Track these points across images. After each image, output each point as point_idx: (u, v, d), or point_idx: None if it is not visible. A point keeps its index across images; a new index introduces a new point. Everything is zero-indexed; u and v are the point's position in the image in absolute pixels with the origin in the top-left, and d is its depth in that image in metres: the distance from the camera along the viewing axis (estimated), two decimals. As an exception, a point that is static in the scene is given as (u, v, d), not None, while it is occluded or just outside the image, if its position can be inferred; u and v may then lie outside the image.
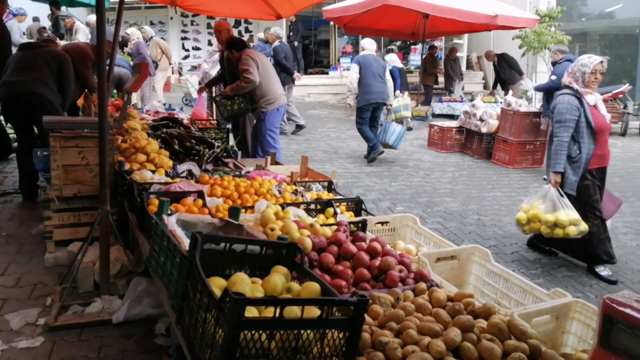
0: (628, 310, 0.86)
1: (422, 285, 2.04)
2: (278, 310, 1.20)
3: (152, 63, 9.83)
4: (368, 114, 7.10)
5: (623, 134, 10.12)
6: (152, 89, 9.70)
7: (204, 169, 3.82)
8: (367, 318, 1.78)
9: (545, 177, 6.58)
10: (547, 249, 4.23)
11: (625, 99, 10.21)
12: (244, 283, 1.45)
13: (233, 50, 5.21)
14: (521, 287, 2.20)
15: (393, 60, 10.38)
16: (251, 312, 1.30)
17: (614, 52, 14.41)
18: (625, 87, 10.34)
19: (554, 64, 6.81)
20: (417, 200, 5.57)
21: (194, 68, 15.52)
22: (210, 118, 6.53)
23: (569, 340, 1.99)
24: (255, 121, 5.47)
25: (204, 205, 2.77)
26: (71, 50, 5.07)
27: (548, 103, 6.59)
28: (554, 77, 6.41)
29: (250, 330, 1.16)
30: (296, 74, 9.50)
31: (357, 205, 3.15)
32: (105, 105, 3.08)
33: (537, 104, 7.33)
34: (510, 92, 9.22)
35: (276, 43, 9.25)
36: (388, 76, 7.39)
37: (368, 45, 7.38)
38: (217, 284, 1.45)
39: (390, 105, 7.75)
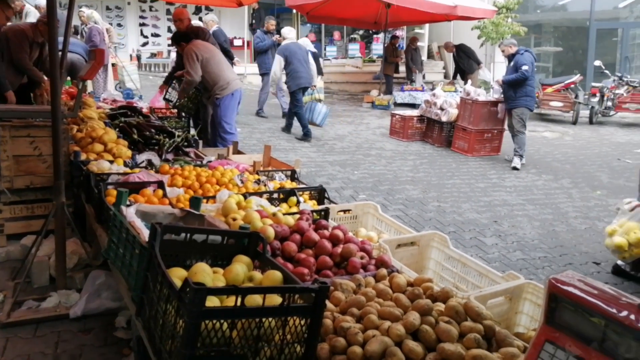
0: (571, 289, 0.91)
1: (383, 271, 2.09)
2: (239, 299, 1.20)
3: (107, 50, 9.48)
4: (301, 96, 7.85)
5: (574, 122, 10.56)
6: (107, 77, 9.36)
7: (164, 158, 3.75)
8: (329, 305, 1.80)
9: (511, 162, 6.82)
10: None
11: (576, 89, 10.64)
12: (205, 273, 1.45)
13: (182, 43, 5.16)
14: (478, 271, 2.27)
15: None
16: (212, 301, 1.30)
17: (567, 43, 14.94)
18: (577, 77, 10.77)
19: (509, 57, 6.96)
20: (379, 188, 5.65)
21: (153, 55, 15.09)
22: (170, 107, 6.40)
23: (522, 320, 2.08)
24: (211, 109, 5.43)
25: (165, 195, 2.73)
26: (7, 30, 4.82)
27: (515, 94, 6.78)
28: (525, 68, 6.57)
29: (211, 319, 1.16)
30: (236, 59, 9.45)
31: (320, 194, 3.17)
32: (58, 92, 2.97)
33: (493, 94, 7.51)
34: (469, 81, 9.44)
35: (214, 28, 9.31)
36: (311, 60, 8.13)
37: (288, 33, 8.15)
38: (177, 275, 1.43)
39: (315, 85, 8.31)
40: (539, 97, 10.81)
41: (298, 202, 2.89)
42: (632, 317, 0.83)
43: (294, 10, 13.96)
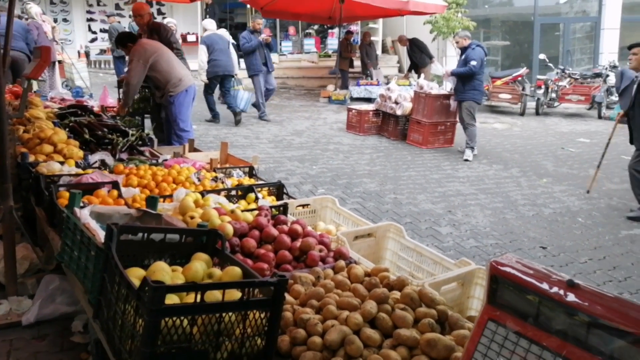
0: (509, 270, 0.99)
1: (341, 263, 2.14)
2: (199, 296, 1.22)
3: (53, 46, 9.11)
4: (215, 84, 8.47)
5: (522, 113, 11.00)
6: (54, 75, 8.99)
7: (118, 158, 3.66)
8: (289, 298, 1.84)
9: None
10: None
11: (523, 81, 11.08)
12: (164, 272, 1.45)
13: (129, 44, 5.01)
14: (432, 259, 2.36)
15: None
16: (172, 299, 1.31)
17: (514, 37, 15.52)
18: (524, 70, 11.22)
19: (462, 49, 7.14)
20: (337, 182, 5.73)
21: (103, 52, 14.58)
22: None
23: (474, 303, 2.19)
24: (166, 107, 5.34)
25: (120, 195, 2.68)
26: None
27: (464, 87, 7.00)
28: (474, 63, 6.77)
29: (171, 317, 1.17)
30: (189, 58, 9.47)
31: (278, 190, 3.20)
32: (1, 91, 2.85)
33: (446, 85, 7.73)
34: (422, 75, 9.67)
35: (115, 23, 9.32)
36: (232, 50, 8.57)
37: (209, 25, 8.72)
38: (135, 275, 1.43)
39: (236, 74, 8.68)
40: (489, 90, 11.20)
41: (256, 198, 2.90)
42: (562, 292, 0.91)
43: (248, 5, 13.82)
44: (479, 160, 7.08)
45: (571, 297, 0.89)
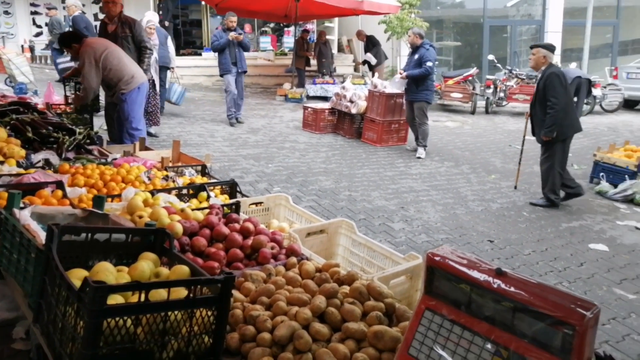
0: (444, 261, 1.03)
1: (293, 259, 2.16)
2: (143, 295, 1.21)
3: None
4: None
5: (472, 112, 11.37)
6: None
7: (64, 157, 3.53)
8: (240, 295, 1.84)
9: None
10: None
11: (473, 81, 11.46)
12: (108, 272, 1.42)
13: (74, 44, 4.84)
14: (382, 254, 2.42)
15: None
16: (115, 299, 1.29)
17: (465, 38, 16.02)
18: (474, 70, 11.60)
19: (414, 47, 7.24)
20: (293, 180, 5.74)
21: (47, 47, 13.95)
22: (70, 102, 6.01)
23: (421, 296, 2.26)
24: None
25: (65, 196, 2.59)
26: None
27: (417, 87, 7.13)
28: (430, 64, 6.91)
29: (113, 317, 1.15)
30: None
31: (231, 188, 3.18)
32: None
33: (393, 87, 7.84)
34: (377, 74, 9.81)
35: (76, 13, 8.96)
36: (170, 43, 8.49)
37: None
38: (78, 276, 1.40)
39: (173, 68, 8.68)
40: (441, 89, 11.51)
41: (208, 197, 2.88)
42: (490, 280, 0.97)
43: (203, 2, 13.60)
44: (431, 157, 7.27)
45: (499, 285, 0.95)
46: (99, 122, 5.58)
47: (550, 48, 5.29)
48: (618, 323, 3.15)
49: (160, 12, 13.15)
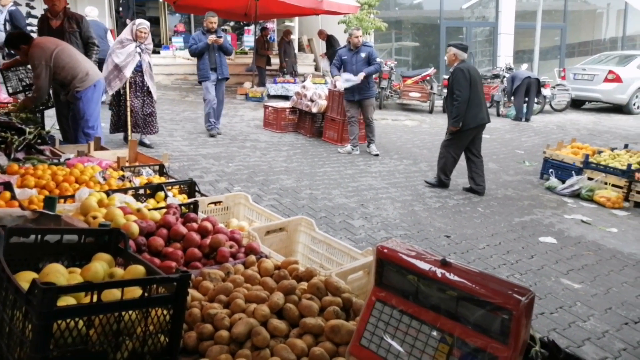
0: (393, 254, 1.08)
1: (252, 257, 2.16)
2: (95, 296, 1.19)
3: None
4: None
5: (430, 111, 11.64)
6: None
7: (13, 158, 3.40)
8: (198, 294, 1.84)
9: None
10: None
11: (431, 80, 11.73)
12: (59, 274, 1.39)
13: (23, 45, 4.67)
14: (341, 250, 2.46)
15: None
16: (67, 301, 1.27)
17: (423, 39, 16.36)
18: (431, 70, 11.88)
19: (357, 47, 7.10)
20: (254, 179, 5.72)
21: None
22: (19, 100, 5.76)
23: (379, 290, 2.31)
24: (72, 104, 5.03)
25: (13, 197, 2.50)
26: None
27: (369, 85, 7.22)
28: (379, 60, 7.04)
29: (64, 319, 1.13)
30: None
31: (190, 188, 3.15)
32: None
33: (343, 85, 7.88)
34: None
35: (11, 7, 8.65)
36: (109, 37, 8.66)
37: (90, 12, 8.67)
38: (26, 279, 1.36)
39: None
40: (400, 88, 11.72)
41: (166, 196, 2.84)
42: (435, 270, 1.01)
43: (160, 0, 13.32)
44: (390, 156, 7.40)
45: (443, 275, 1.00)
46: (52, 122, 5.39)
47: (460, 47, 5.76)
48: (565, 311, 3.31)
49: (121, 9, 12.79)
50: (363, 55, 7.11)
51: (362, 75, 6.97)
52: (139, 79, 6.35)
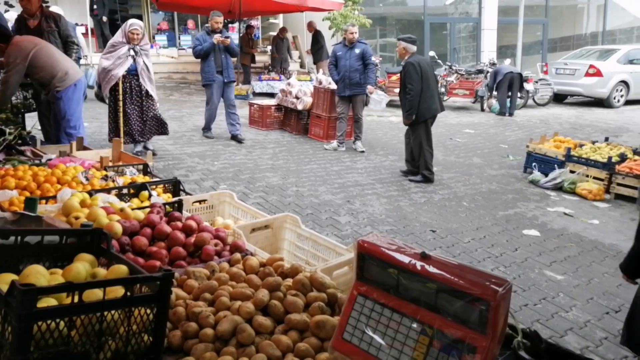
0: (373, 248, 1.09)
1: (237, 255, 2.16)
2: (77, 296, 1.18)
3: None
4: None
5: (416, 107, 11.69)
6: None
7: (-8, 159, 3.35)
8: (183, 293, 1.83)
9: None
10: None
11: (416, 76, 11.76)
12: (39, 275, 1.38)
13: (1, 44, 4.61)
14: (326, 246, 2.47)
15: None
16: (48, 302, 1.25)
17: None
18: (416, 66, 11.91)
19: (352, 43, 7.10)
20: (239, 177, 5.71)
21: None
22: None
23: (364, 285, 2.32)
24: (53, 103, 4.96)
25: (-8, 199, 2.47)
26: None
27: (360, 81, 7.22)
28: (374, 59, 7.07)
29: (44, 320, 1.12)
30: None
31: (175, 187, 3.13)
32: None
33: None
34: (321, 70, 9.89)
35: None
36: (78, 33, 8.80)
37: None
38: (6, 280, 1.34)
39: (86, 55, 9.12)
40: (385, 85, 11.76)
41: (150, 196, 2.82)
42: (414, 262, 1.03)
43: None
44: (376, 152, 7.43)
45: (423, 267, 1.01)
46: (33, 122, 5.32)
47: (409, 40, 5.95)
48: (548, 302, 3.37)
49: (95, 7, 12.61)
50: (357, 51, 7.12)
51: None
52: (135, 82, 5.89)
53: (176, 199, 2.78)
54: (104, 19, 11.92)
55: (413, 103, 5.73)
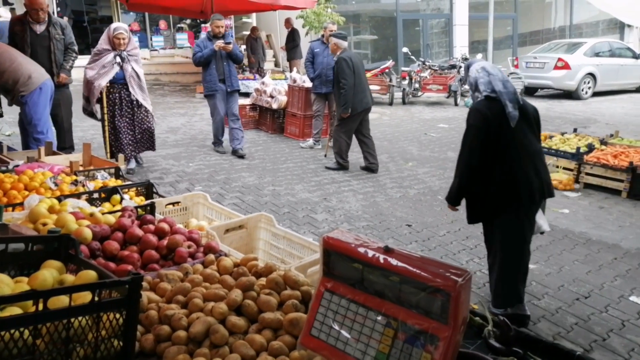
0: (338, 243, 1.10)
1: (211, 256, 2.15)
2: (41, 304, 1.16)
3: None
4: None
5: (390, 103, 11.79)
6: None
7: (-44, 167, 3.26)
8: (155, 296, 1.82)
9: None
10: None
11: (390, 73, 11.87)
12: (3, 284, 1.35)
13: None
14: (301, 244, 2.48)
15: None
16: (12, 311, 1.23)
17: (380, 32, 16.52)
18: (390, 63, 12.01)
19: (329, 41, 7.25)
20: (215, 178, 5.67)
21: None
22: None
23: (339, 282, 2.34)
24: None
25: (-43, 208, 2.40)
26: None
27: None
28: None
29: (7, 330, 1.10)
30: None
31: (147, 190, 3.10)
32: None
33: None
34: (295, 68, 9.88)
35: None
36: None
37: (3, 13, 8.73)
38: (-32, 291, 1.31)
39: None
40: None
41: (122, 199, 2.79)
42: (377, 256, 1.04)
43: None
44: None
45: (386, 261, 1.03)
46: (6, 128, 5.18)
47: (340, 36, 6.24)
48: (521, 291, 3.44)
49: (59, 9, 12.35)
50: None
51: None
52: (124, 92, 5.38)
53: (148, 201, 2.75)
54: (66, 19, 11.68)
55: (347, 97, 5.92)
